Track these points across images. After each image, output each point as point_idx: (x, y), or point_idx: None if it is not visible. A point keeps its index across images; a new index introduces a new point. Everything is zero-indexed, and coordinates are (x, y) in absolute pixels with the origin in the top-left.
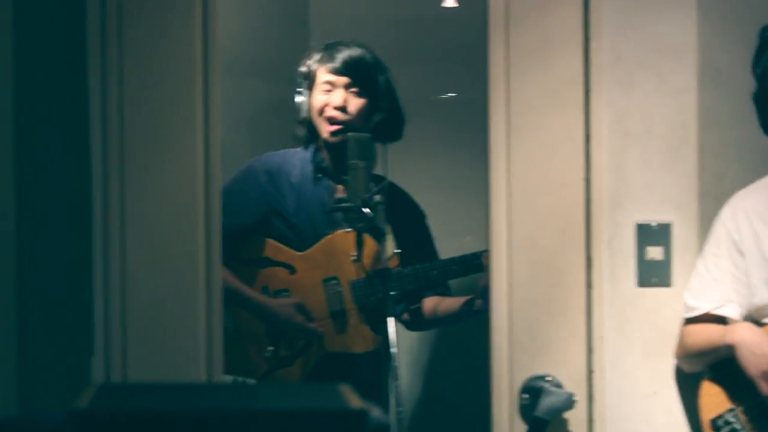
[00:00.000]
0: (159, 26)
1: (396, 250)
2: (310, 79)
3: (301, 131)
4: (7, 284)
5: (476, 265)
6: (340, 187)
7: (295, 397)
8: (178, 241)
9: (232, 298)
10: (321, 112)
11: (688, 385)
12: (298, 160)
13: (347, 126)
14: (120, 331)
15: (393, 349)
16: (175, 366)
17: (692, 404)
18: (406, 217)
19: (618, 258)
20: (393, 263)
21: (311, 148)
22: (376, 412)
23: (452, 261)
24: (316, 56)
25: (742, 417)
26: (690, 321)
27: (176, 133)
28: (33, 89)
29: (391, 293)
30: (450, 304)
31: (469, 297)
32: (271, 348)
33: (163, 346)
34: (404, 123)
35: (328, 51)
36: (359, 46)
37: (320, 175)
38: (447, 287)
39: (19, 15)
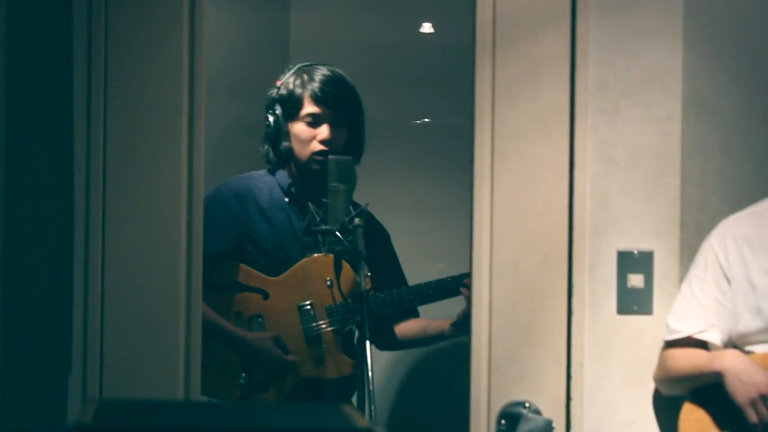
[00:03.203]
0: (146, 45)
1: (368, 274)
2: (291, 104)
3: (272, 155)
4: None
5: (452, 289)
6: (311, 211)
7: (299, 416)
8: (158, 260)
9: (207, 330)
10: (305, 142)
11: (666, 413)
12: (264, 183)
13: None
14: (98, 351)
15: (369, 373)
16: (152, 386)
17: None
18: (373, 239)
19: (599, 285)
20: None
21: (279, 172)
22: (381, 430)
23: (428, 285)
24: (297, 81)
25: None
26: (671, 344)
27: (160, 153)
28: (21, 105)
29: None
30: (438, 325)
31: (454, 320)
32: (244, 374)
33: (141, 365)
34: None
35: (310, 76)
36: (338, 73)
37: (289, 200)
38: (416, 310)
39: (12, 27)
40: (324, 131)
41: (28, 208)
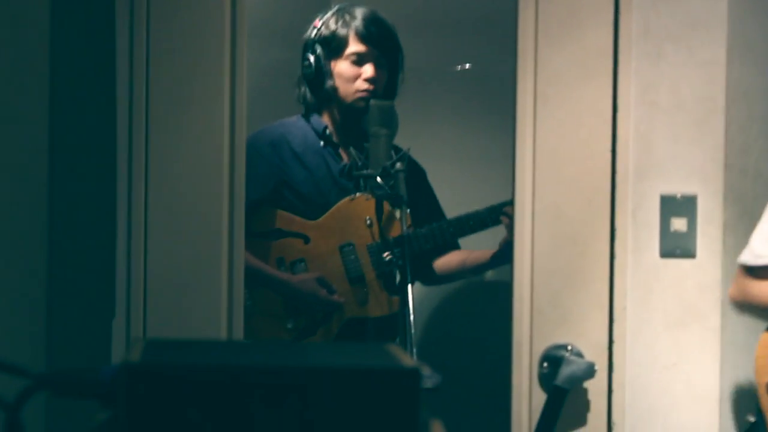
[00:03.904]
0: None
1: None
2: (335, 43)
3: (310, 96)
4: (39, 251)
5: (493, 218)
6: (352, 155)
7: (344, 355)
8: (201, 203)
9: (251, 276)
10: (350, 80)
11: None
12: (298, 129)
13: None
14: (142, 294)
15: (411, 316)
16: (194, 330)
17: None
18: (410, 177)
19: (642, 229)
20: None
21: (312, 116)
22: (427, 370)
23: (468, 216)
24: (339, 20)
25: None
26: (752, 269)
27: (202, 97)
28: (64, 51)
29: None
30: (478, 256)
31: (496, 250)
32: (292, 320)
33: (184, 309)
34: None
35: (352, 16)
36: (378, 13)
37: (324, 143)
38: (457, 243)
39: None
40: (369, 69)
41: (72, 151)
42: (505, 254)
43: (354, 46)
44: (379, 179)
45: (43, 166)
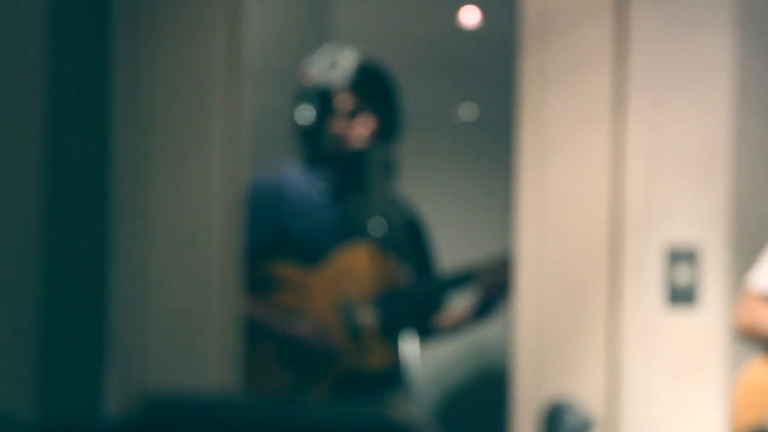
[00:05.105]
0: (185, 36)
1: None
2: (327, 98)
3: (308, 145)
4: (32, 294)
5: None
6: (351, 203)
7: (339, 413)
8: (197, 252)
9: (255, 329)
10: (346, 134)
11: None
12: (295, 178)
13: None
14: (136, 341)
15: (410, 368)
16: (190, 377)
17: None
18: (410, 229)
19: (646, 278)
20: (403, 278)
21: (310, 163)
22: (430, 426)
23: (468, 271)
24: (329, 72)
25: None
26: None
27: (198, 143)
28: (62, 93)
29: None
30: (458, 316)
31: (477, 306)
32: (290, 372)
33: (179, 358)
34: None
35: (342, 67)
36: (370, 60)
37: (322, 191)
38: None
39: (55, 23)
40: (362, 126)
41: (67, 201)
42: (477, 313)
43: (345, 101)
44: (379, 229)
45: (38, 207)
